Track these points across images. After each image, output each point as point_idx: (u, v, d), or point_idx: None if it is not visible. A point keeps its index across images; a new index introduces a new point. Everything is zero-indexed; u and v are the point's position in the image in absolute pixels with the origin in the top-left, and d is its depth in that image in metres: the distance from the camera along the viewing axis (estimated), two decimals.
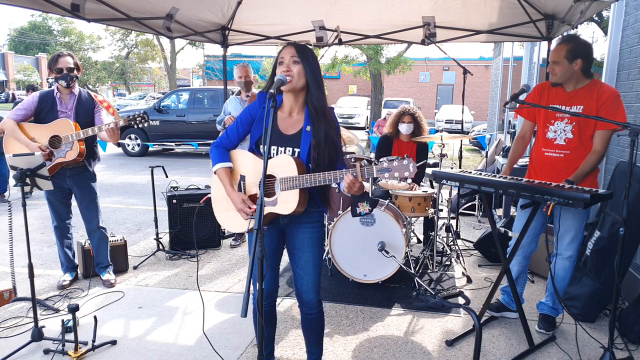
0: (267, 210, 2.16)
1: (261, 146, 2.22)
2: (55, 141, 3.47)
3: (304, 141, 2.17)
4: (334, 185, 2.08)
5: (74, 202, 3.79)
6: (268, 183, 2.18)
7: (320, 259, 2.33)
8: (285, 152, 2.18)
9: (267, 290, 2.35)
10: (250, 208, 2.14)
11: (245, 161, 2.25)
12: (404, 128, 4.48)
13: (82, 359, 2.76)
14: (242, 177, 2.25)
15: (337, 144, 2.24)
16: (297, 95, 2.20)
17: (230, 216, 2.27)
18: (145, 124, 3.56)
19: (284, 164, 2.12)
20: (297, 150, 2.18)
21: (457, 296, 3.65)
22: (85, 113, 3.60)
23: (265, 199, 2.17)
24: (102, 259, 3.89)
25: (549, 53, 3.18)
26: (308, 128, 2.18)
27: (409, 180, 1.98)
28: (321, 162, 2.17)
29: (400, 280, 3.88)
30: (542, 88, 3.07)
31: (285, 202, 2.13)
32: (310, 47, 2.23)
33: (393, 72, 15.66)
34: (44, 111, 3.52)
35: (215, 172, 2.25)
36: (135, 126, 3.56)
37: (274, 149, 2.19)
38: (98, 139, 3.74)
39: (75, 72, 3.55)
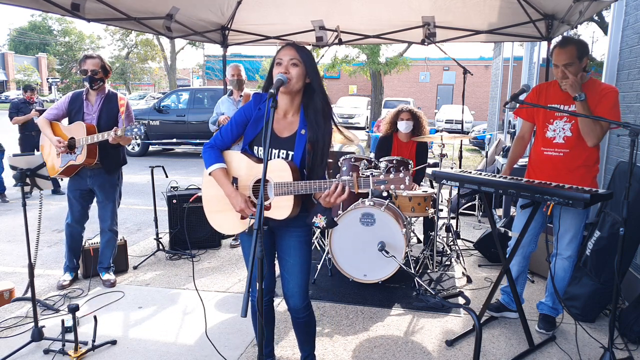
0: None
1: (255, 147, 2.19)
2: (72, 143, 3.55)
3: (298, 144, 2.13)
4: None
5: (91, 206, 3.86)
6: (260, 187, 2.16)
7: (307, 263, 2.29)
8: (279, 155, 2.14)
9: (265, 287, 2.34)
10: (251, 209, 2.11)
11: (239, 163, 2.21)
12: (403, 126, 4.45)
13: (82, 359, 2.76)
14: (235, 180, 2.21)
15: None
16: (293, 97, 2.15)
17: (224, 217, 2.24)
18: (142, 136, 3.46)
19: (278, 168, 2.08)
20: (290, 153, 2.14)
21: (457, 296, 3.65)
22: (109, 116, 3.63)
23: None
24: (104, 260, 3.90)
25: (550, 54, 3.17)
26: (303, 131, 2.13)
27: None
28: (317, 166, 2.14)
29: (400, 280, 3.88)
30: (540, 89, 3.07)
31: (280, 208, 2.10)
32: (309, 47, 2.21)
33: (390, 72, 15.64)
34: (73, 112, 3.62)
35: (210, 174, 2.19)
36: (134, 138, 3.46)
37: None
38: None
39: (100, 74, 3.58)
